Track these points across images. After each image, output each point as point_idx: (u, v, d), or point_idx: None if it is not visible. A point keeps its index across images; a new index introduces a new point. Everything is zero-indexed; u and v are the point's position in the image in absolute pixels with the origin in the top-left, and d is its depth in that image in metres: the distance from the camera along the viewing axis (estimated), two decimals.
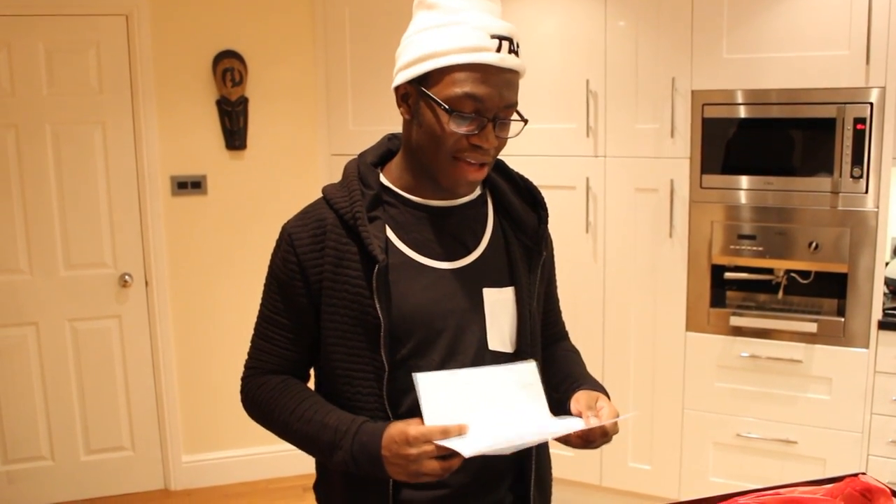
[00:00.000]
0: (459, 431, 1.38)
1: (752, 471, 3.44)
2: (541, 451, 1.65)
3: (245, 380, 1.63)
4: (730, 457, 3.49)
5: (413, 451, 1.36)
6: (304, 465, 4.20)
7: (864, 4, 3.02)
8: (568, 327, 1.87)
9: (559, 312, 1.83)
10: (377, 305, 1.46)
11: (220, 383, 4.15)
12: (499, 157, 1.63)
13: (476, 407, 1.44)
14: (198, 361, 4.17)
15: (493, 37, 1.43)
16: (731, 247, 3.40)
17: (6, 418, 3.96)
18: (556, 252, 1.78)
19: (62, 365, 4.00)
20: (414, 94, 1.49)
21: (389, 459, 1.39)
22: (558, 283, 1.82)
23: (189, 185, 4.05)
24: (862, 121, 3.08)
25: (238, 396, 1.66)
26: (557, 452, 1.78)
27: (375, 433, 1.42)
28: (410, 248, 1.53)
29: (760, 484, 3.35)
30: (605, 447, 3.42)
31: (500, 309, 1.56)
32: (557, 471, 1.75)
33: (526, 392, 1.50)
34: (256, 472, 4.29)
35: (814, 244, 3.24)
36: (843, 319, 3.23)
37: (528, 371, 1.52)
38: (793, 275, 3.37)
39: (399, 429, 1.39)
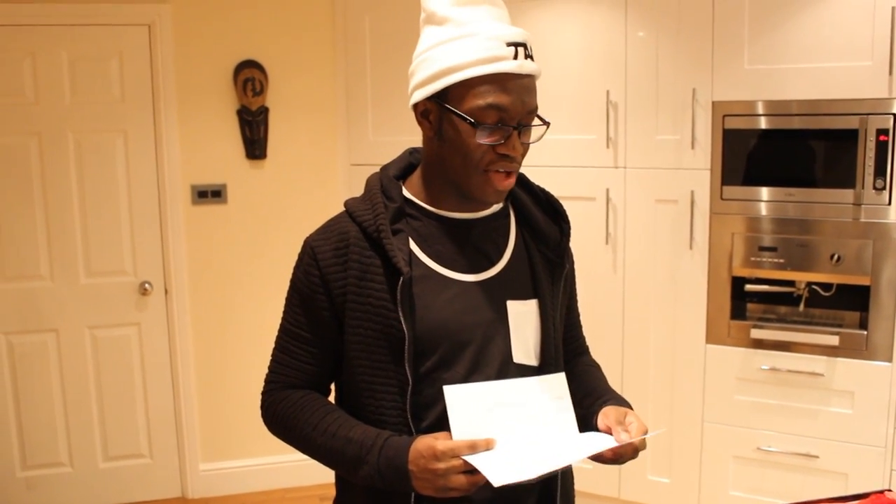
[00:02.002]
0: (487, 446, 1.37)
1: (772, 485, 3.40)
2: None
3: (265, 394, 1.62)
4: (750, 471, 3.46)
5: (441, 465, 1.35)
6: (321, 474, 4.19)
7: (886, 15, 3.00)
8: (587, 339, 1.86)
9: (580, 327, 1.81)
10: (401, 318, 1.45)
11: (239, 392, 4.16)
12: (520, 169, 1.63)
13: (505, 420, 1.43)
14: (216, 370, 4.18)
15: (508, 44, 1.43)
16: (752, 259, 3.37)
17: (26, 424, 3.98)
18: (576, 263, 1.77)
19: (82, 372, 4.02)
20: (435, 109, 1.48)
21: (416, 474, 1.38)
22: (578, 295, 1.81)
23: (209, 194, 4.07)
24: (885, 132, 3.05)
25: (257, 405, 1.65)
26: (576, 466, 1.77)
27: (402, 447, 1.40)
28: (434, 260, 1.52)
29: (781, 499, 3.33)
30: None
31: (524, 321, 1.55)
32: (576, 484, 1.74)
33: (555, 404, 1.49)
34: (274, 481, 4.29)
35: (836, 256, 3.21)
36: (865, 332, 3.19)
37: (557, 382, 1.52)
38: (814, 287, 3.34)
39: (426, 443, 1.38)
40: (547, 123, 1.51)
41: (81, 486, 4.09)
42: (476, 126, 1.42)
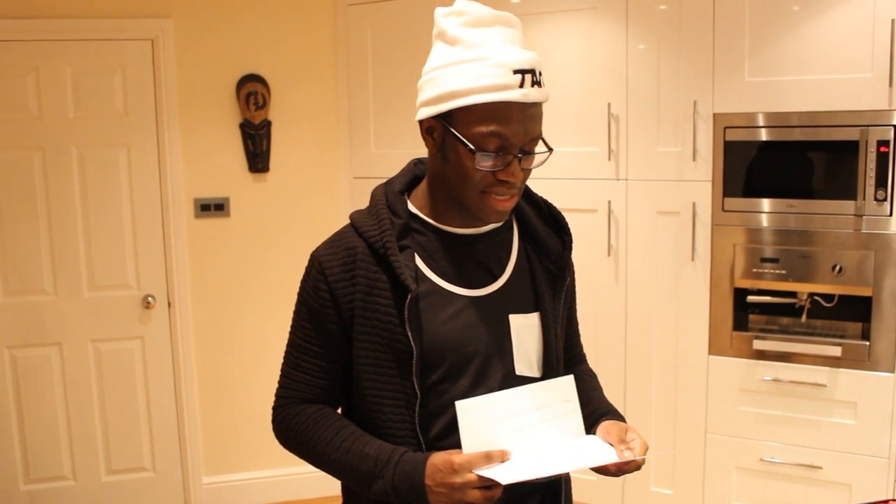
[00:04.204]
0: (502, 457, 1.40)
1: (776, 496, 3.40)
2: (567, 477, 1.66)
3: (277, 409, 1.62)
4: (753, 482, 3.46)
5: (458, 479, 1.37)
6: (324, 487, 4.20)
7: (886, 27, 3.02)
8: (590, 350, 1.87)
9: (578, 336, 1.83)
10: (409, 334, 1.47)
11: (242, 405, 4.16)
12: None
13: (513, 430, 1.45)
14: (219, 383, 4.18)
15: (515, 72, 1.42)
16: (754, 270, 3.38)
17: (29, 438, 3.99)
18: (578, 275, 1.78)
19: (85, 385, 4.02)
20: (439, 128, 1.49)
21: (433, 489, 1.39)
22: (580, 307, 1.82)
23: (212, 208, 4.09)
24: (885, 143, 3.06)
25: (259, 418, 1.66)
26: (579, 477, 1.77)
27: (418, 463, 1.42)
28: (438, 276, 1.53)
29: None
30: None
31: (526, 334, 1.57)
32: (579, 495, 1.75)
33: (562, 408, 1.52)
34: (277, 494, 4.29)
35: (837, 267, 3.22)
36: (867, 343, 3.20)
37: (565, 385, 1.54)
38: (816, 298, 3.34)
39: (443, 458, 1.40)
40: (550, 150, 1.50)
41: (85, 500, 4.08)
42: (475, 152, 1.43)
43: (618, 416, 1.61)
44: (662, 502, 3.68)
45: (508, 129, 1.42)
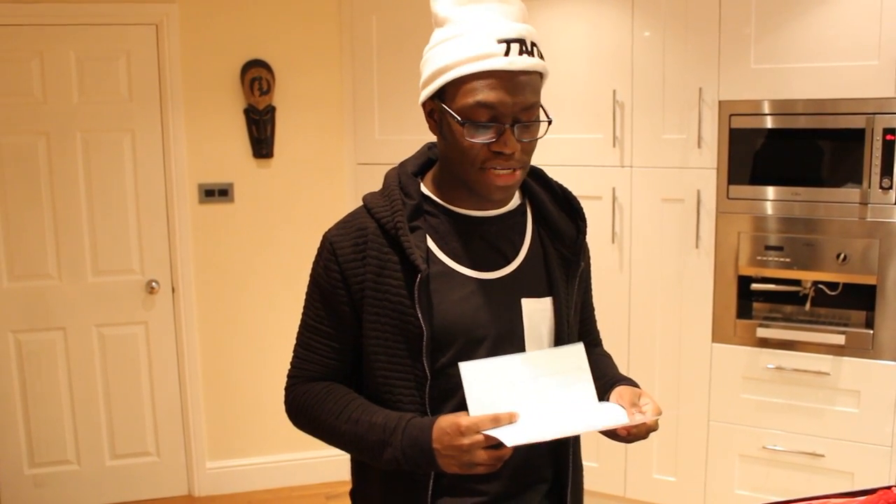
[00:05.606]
0: (510, 419, 1.39)
1: (778, 484, 3.41)
2: (577, 459, 1.66)
3: (288, 389, 1.63)
4: (756, 469, 3.46)
5: (465, 441, 1.37)
6: (327, 472, 4.22)
7: (893, 14, 3.00)
8: None
9: (594, 322, 1.83)
10: (419, 315, 1.47)
11: (245, 390, 4.17)
12: (533, 165, 1.63)
13: (522, 393, 1.44)
14: (223, 368, 4.19)
15: (500, 41, 1.42)
16: (758, 258, 3.38)
17: (33, 422, 4.00)
18: None
19: (89, 370, 4.03)
20: (437, 109, 1.50)
21: (441, 452, 1.39)
22: None
23: (216, 193, 4.09)
24: (891, 131, 3.05)
25: (263, 403, 1.66)
26: (586, 459, 1.77)
27: (425, 427, 1.42)
28: (450, 257, 1.53)
29: (786, 498, 3.31)
30: (629, 458, 3.39)
31: (538, 319, 1.56)
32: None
33: (573, 375, 1.51)
34: (280, 480, 4.30)
35: (842, 255, 3.21)
36: (871, 332, 3.19)
37: (575, 353, 1.53)
38: (820, 286, 3.34)
39: (450, 420, 1.40)
40: (549, 120, 1.50)
41: (88, 484, 4.10)
42: (463, 124, 1.43)
43: (632, 384, 1.60)
44: (665, 489, 3.69)
45: (495, 97, 1.42)
